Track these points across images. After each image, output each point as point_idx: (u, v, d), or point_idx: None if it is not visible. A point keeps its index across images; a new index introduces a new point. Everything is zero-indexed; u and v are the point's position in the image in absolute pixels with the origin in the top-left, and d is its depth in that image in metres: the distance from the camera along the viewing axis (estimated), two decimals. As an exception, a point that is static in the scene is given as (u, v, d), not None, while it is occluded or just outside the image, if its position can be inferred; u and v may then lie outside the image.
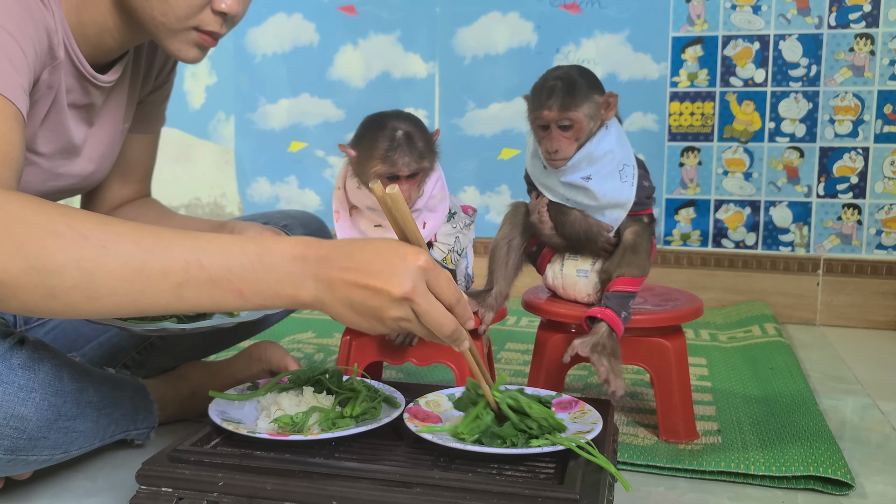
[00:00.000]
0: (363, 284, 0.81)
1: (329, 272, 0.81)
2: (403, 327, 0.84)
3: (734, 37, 2.19)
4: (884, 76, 2.11)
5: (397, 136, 1.15)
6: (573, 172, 1.19)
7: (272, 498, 0.85)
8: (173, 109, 2.61)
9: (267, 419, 0.99)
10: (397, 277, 0.81)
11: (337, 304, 0.82)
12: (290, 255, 0.82)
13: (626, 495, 1.09)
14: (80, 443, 1.02)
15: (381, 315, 0.82)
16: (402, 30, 2.45)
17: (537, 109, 1.19)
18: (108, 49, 1.10)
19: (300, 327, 1.99)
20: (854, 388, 1.61)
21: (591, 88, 1.19)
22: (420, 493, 0.83)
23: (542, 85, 1.20)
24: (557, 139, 1.18)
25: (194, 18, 1.04)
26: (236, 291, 0.81)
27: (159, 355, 1.35)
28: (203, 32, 1.06)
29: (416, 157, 1.17)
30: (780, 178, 2.21)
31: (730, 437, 1.26)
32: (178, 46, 1.06)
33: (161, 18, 1.03)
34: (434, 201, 1.24)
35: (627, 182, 1.21)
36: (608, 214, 1.22)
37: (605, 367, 1.14)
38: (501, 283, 1.28)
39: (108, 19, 1.06)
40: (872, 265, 2.16)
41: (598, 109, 1.19)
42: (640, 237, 1.21)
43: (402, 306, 0.81)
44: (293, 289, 0.82)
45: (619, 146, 1.21)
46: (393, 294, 0.80)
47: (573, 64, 1.24)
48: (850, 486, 1.10)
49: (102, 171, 1.23)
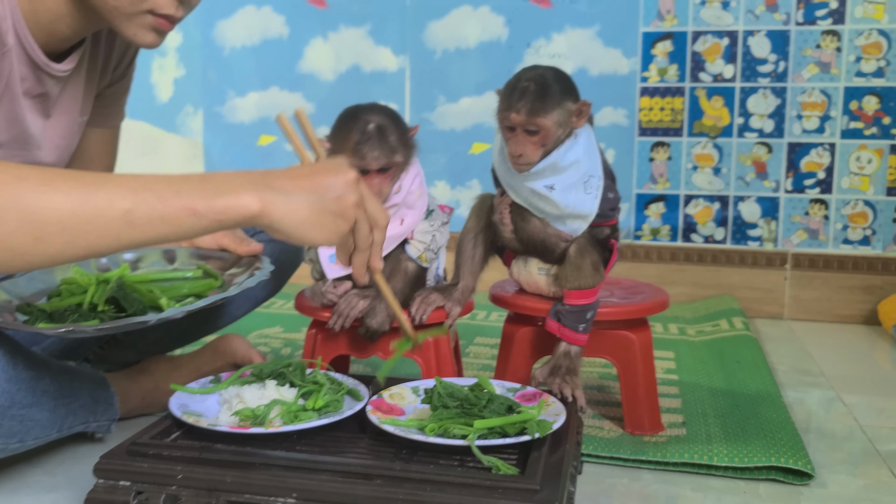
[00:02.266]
0: (317, 180, 0.83)
1: (279, 181, 0.82)
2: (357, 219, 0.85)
3: (704, 32, 2.21)
4: (850, 73, 2.13)
5: (369, 128, 1.14)
6: (537, 180, 1.17)
7: (231, 490, 0.85)
8: (141, 102, 2.60)
9: (228, 412, 0.98)
10: (343, 167, 0.85)
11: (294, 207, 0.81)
12: (234, 174, 0.82)
13: (588, 486, 1.09)
14: (36, 433, 1.00)
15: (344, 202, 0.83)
16: (372, 23, 2.43)
17: (506, 110, 1.16)
18: (63, 36, 1.07)
19: (268, 322, 1.98)
20: (819, 381, 1.63)
21: (565, 95, 1.15)
22: (381, 484, 0.83)
23: (515, 85, 1.16)
24: (523, 143, 1.15)
25: (148, 1, 1.01)
26: (189, 209, 0.78)
27: (122, 350, 1.34)
28: (158, 16, 1.03)
29: (387, 151, 1.16)
30: (749, 174, 2.23)
31: (694, 429, 1.26)
32: (134, 31, 1.04)
33: (114, 3, 1.01)
34: (412, 197, 1.23)
35: (592, 194, 1.18)
36: (569, 224, 1.19)
37: (568, 389, 1.13)
38: (468, 278, 1.28)
39: (61, 6, 1.04)
40: (839, 260, 2.18)
41: (569, 117, 1.16)
42: (582, 253, 1.18)
43: (356, 189, 0.84)
44: (246, 198, 0.79)
45: (587, 156, 1.18)
46: (348, 176, 0.84)
47: (550, 66, 1.19)
48: (811, 477, 1.11)
49: (59, 165, 1.21)
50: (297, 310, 1.28)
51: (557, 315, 1.18)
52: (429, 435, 0.90)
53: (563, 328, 1.18)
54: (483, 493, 0.81)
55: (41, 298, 1.21)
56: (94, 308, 1.15)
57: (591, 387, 1.49)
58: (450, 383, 1.00)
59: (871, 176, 2.15)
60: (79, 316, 1.12)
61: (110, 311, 1.15)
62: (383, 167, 1.16)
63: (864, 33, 2.11)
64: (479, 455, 0.86)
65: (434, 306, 1.22)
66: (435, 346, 1.24)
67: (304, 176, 0.82)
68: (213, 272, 1.28)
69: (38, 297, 1.22)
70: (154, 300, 1.20)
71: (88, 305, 1.16)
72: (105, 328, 1.04)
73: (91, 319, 1.11)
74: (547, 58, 2.31)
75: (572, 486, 0.94)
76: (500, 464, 0.85)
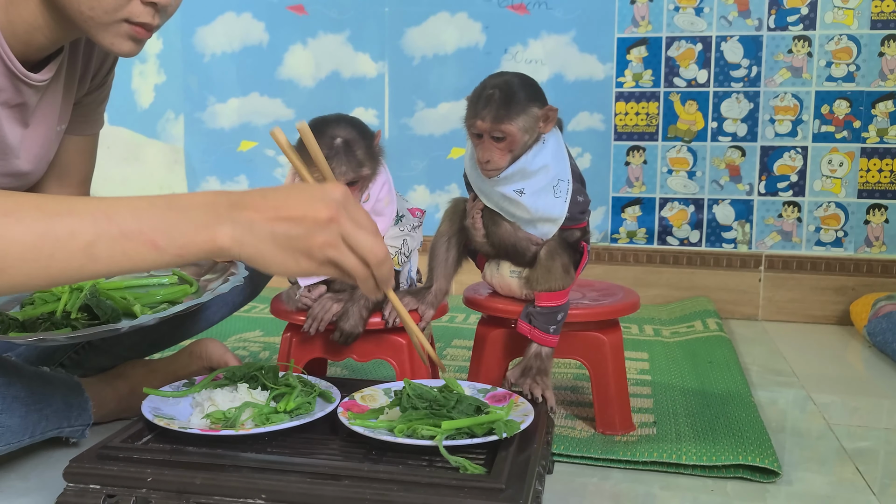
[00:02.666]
0: (284, 217, 0.78)
1: (245, 213, 0.78)
2: (332, 258, 0.79)
3: (677, 38, 2.23)
4: (821, 77, 2.16)
5: (335, 143, 1.16)
6: (507, 184, 1.18)
7: (201, 493, 0.85)
8: (122, 108, 2.61)
9: (200, 415, 0.99)
10: (319, 203, 0.78)
11: (259, 244, 0.78)
12: (199, 201, 0.79)
13: (559, 485, 1.11)
14: (8, 438, 1.01)
15: (308, 244, 0.78)
16: (351, 29, 2.45)
17: (472, 117, 1.17)
18: (40, 46, 1.08)
19: (247, 326, 1.99)
20: (791, 381, 1.65)
21: (530, 100, 1.16)
22: (348, 485, 0.84)
23: (480, 92, 1.18)
24: (490, 149, 1.16)
25: (123, 10, 1.02)
26: (150, 243, 0.77)
27: (97, 355, 1.34)
28: (134, 24, 1.04)
29: (355, 165, 1.17)
30: (723, 177, 2.26)
31: (665, 428, 1.28)
32: (111, 40, 1.05)
33: (89, 13, 1.02)
34: (381, 205, 1.24)
35: (561, 198, 1.19)
36: (540, 228, 1.21)
37: (538, 389, 1.15)
38: (441, 281, 1.29)
39: (37, 17, 1.04)
40: (812, 261, 2.21)
41: (536, 122, 1.17)
42: (553, 256, 1.20)
43: (329, 230, 0.78)
44: (209, 233, 0.77)
45: (555, 161, 1.19)
46: (318, 217, 0.78)
47: (516, 72, 1.20)
48: (777, 474, 1.13)
49: (37, 173, 1.21)
50: (273, 314, 1.29)
51: (528, 317, 1.20)
52: (397, 436, 0.92)
53: (533, 329, 1.19)
54: (449, 492, 0.82)
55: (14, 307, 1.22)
56: (68, 316, 1.16)
57: (563, 387, 1.51)
58: (419, 384, 1.01)
59: (842, 179, 2.19)
60: (51, 324, 1.12)
61: (83, 319, 1.16)
62: (351, 181, 1.17)
63: (834, 38, 2.14)
64: (446, 455, 0.87)
65: (407, 309, 1.23)
66: (409, 347, 1.25)
67: (273, 209, 0.78)
68: (188, 278, 1.29)
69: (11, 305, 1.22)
70: (128, 307, 1.20)
71: (61, 313, 1.17)
72: (77, 336, 1.05)
73: (64, 328, 1.12)
74: (524, 63, 2.33)
75: (540, 485, 0.95)
76: (466, 464, 0.87)
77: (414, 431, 0.92)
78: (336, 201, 0.79)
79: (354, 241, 0.79)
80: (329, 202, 0.79)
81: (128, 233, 0.77)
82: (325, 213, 0.78)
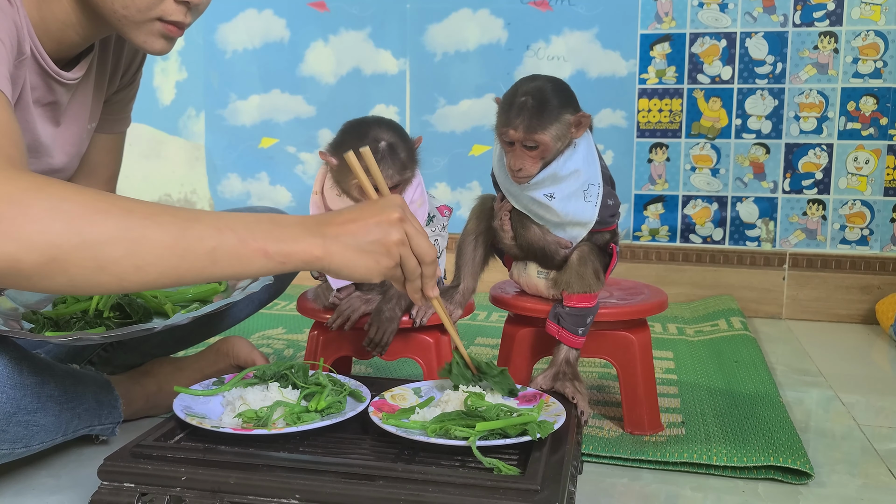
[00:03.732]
0: (362, 223, 0.89)
1: (329, 227, 0.89)
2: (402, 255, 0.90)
3: (701, 34, 2.22)
4: (847, 74, 2.14)
5: (381, 147, 1.14)
6: (537, 189, 1.17)
7: (235, 492, 0.85)
8: (143, 105, 2.61)
9: (231, 414, 0.99)
10: (389, 207, 0.91)
11: (345, 252, 0.88)
12: (294, 219, 0.90)
13: (588, 486, 1.10)
14: (42, 437, 1.01)
15: (385, 242, 0.89)
16: (372, 26, 2.45)
17: (504, 126, 1.16)
18: (72, 44, 1.09)
19: (270, 323, 1.99)
20: (818, 380, 1.64)
21: (563, 107, 1.15)
22: (383, 485, 0.84)
23: (512, 100, 1.16)
24: (521, 157, 1.15)
25: (156, 9, 1.03)
26: (261, 251, 0.85)
27: (126, 352, 1.35)
28: (167, 22, 1.04)
29: (399, 168, 1.17)
30: (747, 174, 2.24)
31: (693, 428, 1.28)
32: (144, 38, 1.05)
33: (122, 11, 1.02)
34: (414, 206, 1.24)
35: (591, 202, 1.18)
36: (569, 231, 1.20)
37: (570, 389, 1.14)
38: (468, 280, 1.29)
39: (70, 15, 1.05)
40: (836, 260, 2.19)
41: (568, 129, 1.16)
42: (584, 261, 1.19)
43: (399, 229, 0.90)
44: (306, 244, 0.87)
45: (586, 165, 1.18)
46: (391, 218, 0.90)
47: (549, 76, 1.19)
48: (810, 476, 1.12)
49: (69, 171, 1.22)
50: (300, 311, 1.29)
51: (557, 317, 1.19)
52: (430, 436, 0.92)
53: (562, 330, 1.18)
54: (484, 493, 0.82)
55: (46, 305, 1.23)
56: (100, 315, 1.16)
57: (590, 387, 1.50)
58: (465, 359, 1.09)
59: (868, 176, 2.17)
60: (84, 323, 1.13)
61: (115, 318, 1.16)
62: (395, 185, 1.17)
63: (861, 34, 2.12)
64: (479, 456, 0.87)
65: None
66: (436, 346, 1.25)
67: (351, 220, 0.89)
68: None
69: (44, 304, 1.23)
70: (159, 306, 1.21)
71: (94, 312, 1.17)
72: (111, 335, 1.05)
73: (96, 326, 1.12)
74: (546, 60, 2.32)
75: (573, 486, 0.95)
76: (500, 464, 0.86)
77: (447, 432, 0.92)
78: (400, 206, 0.92)
79: (415, 242, 0.91)
80: (395, 207, 0.91)
81: (243, 241, 0.85)
82: (395, 215, 0.90)
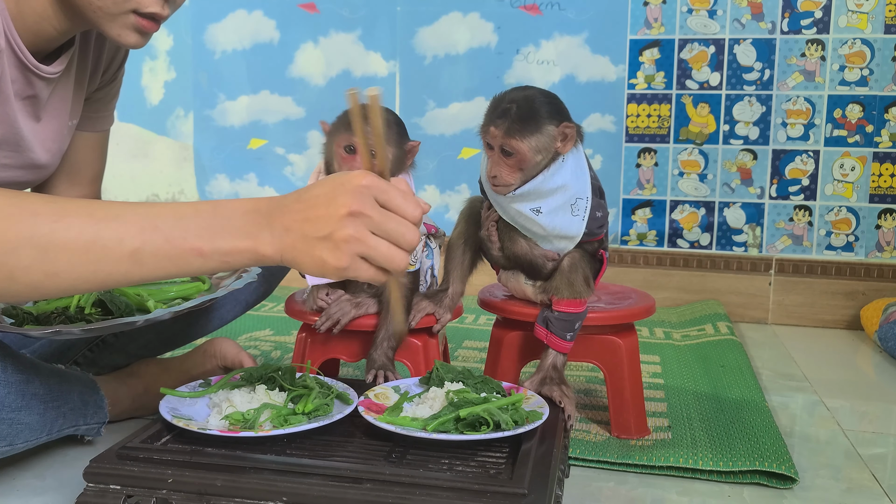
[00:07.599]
0: (312, 217, 0.78)
1: (281, 217, 0.79)
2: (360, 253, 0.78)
3: (690, 40, 2.23)
4: (833, 81, 2.16)
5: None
6: (522, 202, 1.17)
7: (222, 494, 0.85)
8: (131, 105, 2.60)
9: (218, 416, 0.98)
10: (340, 197, 0.78)
11: (295, 248, 0.79)
12: (242, 209, 0.81)
13: (575, 489, 1.10)
14: (26, 435, 1.01)
15: (334, 239, 0.77)
16: (362, 28, 2.44)
17: (486, 125, 1.16)
18: (49, 37, 1.07)
19: (257, 325, 1.99)
20: (803, 385, 1.65)
21: (548, 119, 1.14)
22: (370, 488, 0.83)
23: (499, 103, 1.16)
24: (498, 164, 1.15)
25: (132, 1, 1.01)
26: (195, 250, 0.79)
27: (111, 353, 1.34)
28: (142, 16, 1.03)
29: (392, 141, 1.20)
30: (734, 180, 2.25)
31: (680, 433, 1.28)
32: (118, 31, 1.04)
33: (98, 3, 1.01)
34: None
35: (578, 216, 1.18)
36: (556, 244, 1.20)
37: (558, 394, 1.14)
38: (457, 284, 1.29)
39: (46, 7, 1.04)
40: (822, 265, 2.21)
41: (552, 142, 1.15)
42: (576, 266, 1.19)
43: (353, 223, 0.77)
44: (251, 241, 0.79)
45: (575, 179, 1.17)
46: (339, 212, 0.77)
47: (541, 88, 1.18)
48: (794, 481, 1.13)
49: (53, 166, 1.21)
50: (288, 313, 1.29)
51: (546, 321, 1.20)
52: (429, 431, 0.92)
53: (550, 335, 1.19)
54: (471, 497, 0.82)
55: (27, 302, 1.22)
56: (82, 311, 1.16)
57: (578, 391, 1.51)
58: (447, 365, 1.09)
59: (854, 183, 2.18)
60: (66, 319, 1.12)
61: (97, 315, 1.16)
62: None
63: (847, 42, 2.14)
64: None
65: (424, 313, 1.24)
66: (424, 348, 1.25)
67: (303, 210, 0.79)
68: (200, 276, 1.29)
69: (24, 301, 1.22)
70: (141, 303, 1.20)
71: (75, 309, 1.16)
72: (92, 329, 1.05)
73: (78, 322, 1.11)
74: (535, 64, 2.33)
75: (560, 489, 0.95)
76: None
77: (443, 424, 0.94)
78: (358, 192, 0.78)
79: (384, 230, 0.78)
80: (350, 194, 0.78)
81: (173, 240, 0.78)
82: (343, 209, 0.77)
